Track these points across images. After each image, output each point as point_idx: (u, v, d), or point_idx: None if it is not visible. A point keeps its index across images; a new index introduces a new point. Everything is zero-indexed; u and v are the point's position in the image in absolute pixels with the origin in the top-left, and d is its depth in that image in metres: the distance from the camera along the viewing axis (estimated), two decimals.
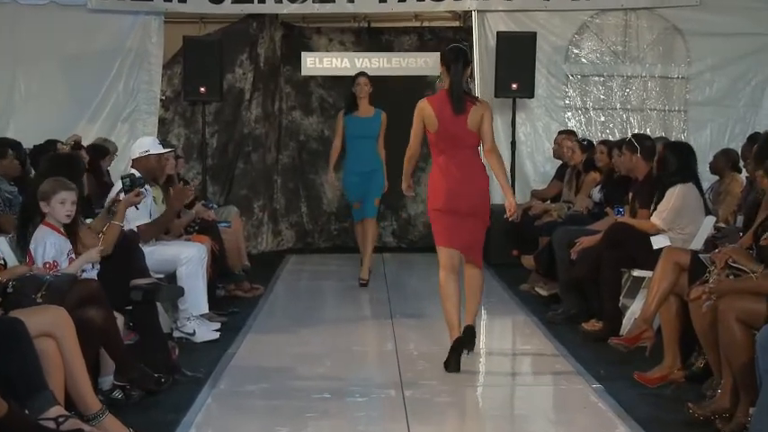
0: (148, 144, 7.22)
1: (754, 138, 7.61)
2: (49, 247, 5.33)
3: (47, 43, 10.63)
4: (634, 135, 7.92)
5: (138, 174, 6.59)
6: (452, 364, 6.04)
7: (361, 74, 9.52)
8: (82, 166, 6.41)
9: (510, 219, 6.32)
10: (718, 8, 10.76)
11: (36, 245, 5.33)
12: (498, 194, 10.94)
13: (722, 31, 10.80)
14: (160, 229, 7.13)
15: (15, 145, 7.86)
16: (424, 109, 6.16)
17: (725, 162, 8.54)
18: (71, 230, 5.51)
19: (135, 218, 6.68)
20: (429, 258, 10.52)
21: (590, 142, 9.39)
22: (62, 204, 5.38)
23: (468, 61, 6.28)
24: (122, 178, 6.24)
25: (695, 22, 10.85)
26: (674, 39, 10.99)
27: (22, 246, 5.41)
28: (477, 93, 11.03)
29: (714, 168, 8.71)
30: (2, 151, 7.49)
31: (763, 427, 4.14)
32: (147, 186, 6.80)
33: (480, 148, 6.25)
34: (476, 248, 6.26)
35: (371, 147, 9.39)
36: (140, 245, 6.42)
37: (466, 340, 6.09)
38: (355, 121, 9.35)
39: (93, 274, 5.63)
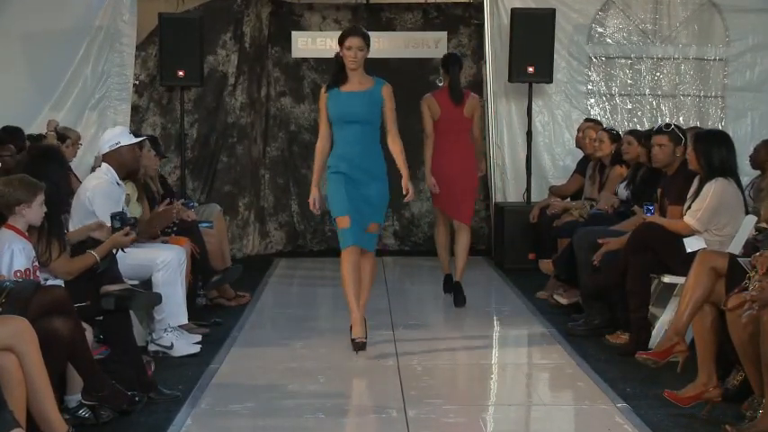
0: (118, 134, 7.19)
1: None
2: (17, 253, 5.39)
3: (5, 21, 10.61)
4: (675, 125, 7.85)
5: (129, 213, 6.67)
6: (445, 288, 9.06)
7: (353, 31, 7.23)
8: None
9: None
10: None
11: (2, 252, 5.37)
12: (512, 193, 11.07)
13: (766, 7, 10.85)
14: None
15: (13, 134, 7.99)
16: (430, 101, 8.64)
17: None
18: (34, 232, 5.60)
19: (100, 212, 6.72)
20: (434, 262, 10.57)
21: (617, 133, 9.39)
22: (41, 206, 5.50)
23: (462, 65, 9.19)
24: (112, 216, 6.32)
25: None
26: (710, 15, 11.05)
27: None
28: (489, 77, 11.12)
29: (755, 162, 8.71)
30: None
31: None
32: (119, 182, 6.95)
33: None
34: (464, 209, 8.77)
35: (368, 138, 7.16)
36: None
37: (456, 293, 8.73)
38: (341, 98, 7.11)
39: (58, 280, 5.67)
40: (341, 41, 7.12)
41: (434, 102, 8.64)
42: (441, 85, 9.37)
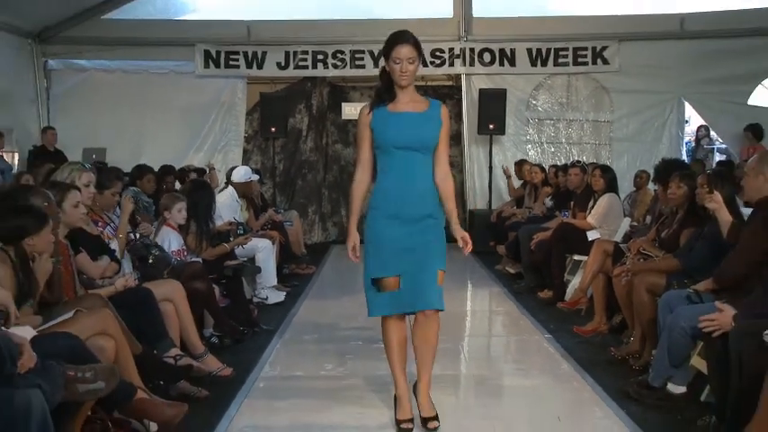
0: (243, 173, 7.58)
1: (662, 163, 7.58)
2: (173, 240, 5.49)
3: (167, 99, 10.78)
4: (582, 162, 7.87)
5: (241, 218, 6.93)
6: None
7: (400, 38, 3.62)
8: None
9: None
10: (633, 73, 10.77)
11: (163, 240, 5.47)
12: (480, 203, 10.97)
13: (636, 89, 10.79)
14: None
15: (169, 169, 8.10)
16: None
17: (646, 178, 8.49)
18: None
19: (224, 216, 6.82)
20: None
21: (542, 167, 9.41)
22: (180, 212, 5.58)
23: None
24: (236, 228, 6.47)
25: (617, 83, 10.85)
26: (602, 94, 10.99)
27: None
28: (465, 131, 11.08)
29: (636, 183, 8.71)
30: (140, 173, 7.56)
31: (660, 364, 4.19)
32: (238, 200, 7.26)
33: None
34: None
35: (426, 170, 3.67)
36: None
37: None
38: (391, 118, 3.69)
39: (198, 258, 5.73)
40: (386, 53, 3.63)
41: None
42: None
